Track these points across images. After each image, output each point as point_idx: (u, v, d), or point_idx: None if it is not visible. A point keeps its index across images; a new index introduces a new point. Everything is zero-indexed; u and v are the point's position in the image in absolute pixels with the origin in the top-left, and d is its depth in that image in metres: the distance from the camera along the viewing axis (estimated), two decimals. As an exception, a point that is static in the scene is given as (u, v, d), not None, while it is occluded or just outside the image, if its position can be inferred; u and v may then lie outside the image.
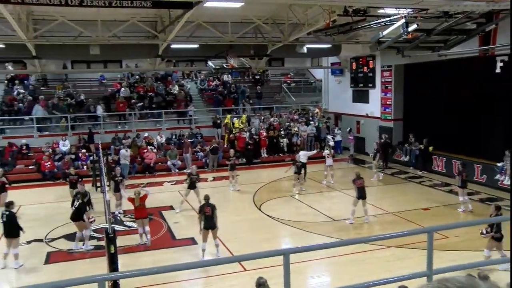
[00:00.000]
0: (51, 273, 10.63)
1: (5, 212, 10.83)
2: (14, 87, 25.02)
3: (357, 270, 10.20)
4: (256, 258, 9.12)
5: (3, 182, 14.58)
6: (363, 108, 24.96)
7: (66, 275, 10.37)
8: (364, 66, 24.70)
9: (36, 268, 11.02)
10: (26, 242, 12.19)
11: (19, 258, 11.00)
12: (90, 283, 3.62)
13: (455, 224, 12.73)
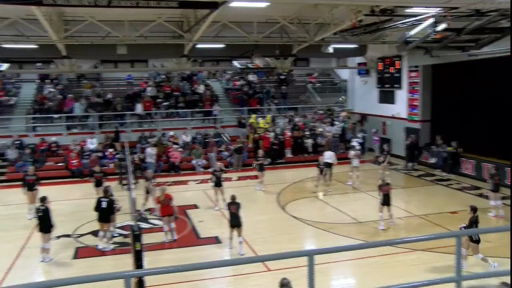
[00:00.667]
0: (79, 268, 10.85)
1: (41, 207, 11.11)
2: (44, 86, 25.60)
3: (382, 273, 10.08)
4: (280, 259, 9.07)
5: (33, 180, 14.88)
6: (389, 109, 24.63)
7: (93, 270, 10.58)
8: (390, 66, 24.36)
9: (65, 262, 11.25)
10: (56, 237, 12.44)
11: (49, 253, 11.26)
12: (117, 279, 3.66)
13: (486, 229, 12.34)
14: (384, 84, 25.12)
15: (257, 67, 20.63)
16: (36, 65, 25.41)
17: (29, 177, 14.88)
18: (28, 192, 14.68)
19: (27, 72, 26.41)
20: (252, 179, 19.21)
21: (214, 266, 9.25)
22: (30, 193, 14.65)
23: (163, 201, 12.32)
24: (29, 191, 14.66)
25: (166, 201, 12.33)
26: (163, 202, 12.33)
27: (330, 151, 19.98)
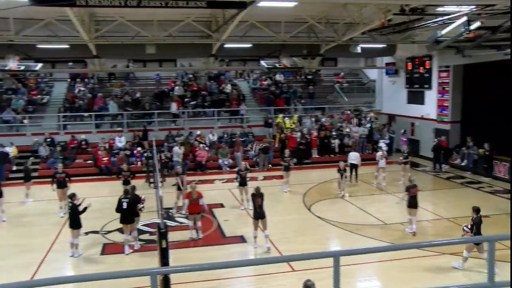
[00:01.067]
0: (106, 263, 11.05)
1: (69, 204, 11.37)
2: (75, 85, 26.17)
3: (409, 276, 9.92)
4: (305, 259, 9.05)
5: (63, 177, 15.21)
6: (418, 109, 24.21)
7: (120, 266, 10.75)
8: (420, 66, 23.95)
9: (93, 258, 11.48)
10: (84, 233, 12.70)
11: (78, 248, 11.52)
12: (143, 276, 3.70)
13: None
14: (413, 84, 24.72)
15: (284, 67, 20.55)
16: (68, 65, 25.98)
17: (59, 175, 15.19)
18: (58, 190, 15.01)
19: (59, 71, 27.04)
20: (277, 179, 19.19)
21: (239, 265, 9.26)
22: (60, 190, 14.98)
23: (194, 199, 12.40)
24: (59, 189, 15.00)
25: (196, 199, 12.40)
26: (194, 200, 12.40)
27: (355, 152, 19.74)
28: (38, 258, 11.26)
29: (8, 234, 13.56)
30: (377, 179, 18.47)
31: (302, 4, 15.07)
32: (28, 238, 12.78)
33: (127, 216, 11.68)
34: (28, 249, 11.90)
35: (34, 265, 10.83)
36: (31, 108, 23.99)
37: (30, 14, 16.03)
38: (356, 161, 18.55)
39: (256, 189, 11.77)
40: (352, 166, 18.53)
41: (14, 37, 17.12)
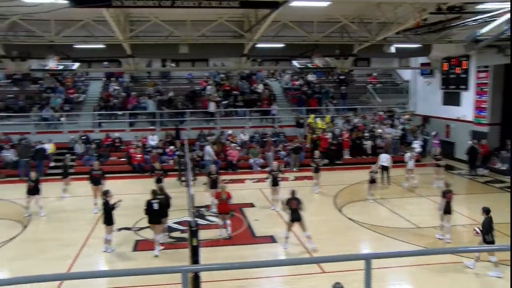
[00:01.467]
0: (138, 260, 11.23)
1: (103, 201, 11.64)
2: (110, 84, 26.74)
3: (443, 282, 9.69)
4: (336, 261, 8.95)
5: (99, 175, 15.56)
6: (454, 111, 23.63)
7: (152, 263, 10.92)
8: (456, 66, 23.37)
9: (125, 254, 11.69)
10: (117, 229, 12.96)
11: (111, 244, 11.75)
12: (174, 273, 3.73)
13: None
14: (448, 85, 24.14)
15: (316, 67, 20.42)
16: (103, 64, 26.58)
17: (95, 172, 15.54)
18: (93, 186, 15.36)
19: (95, 70, 27.68)
20: (309, 179, 19.07)
21: (269, 265, 9.25)
22: (95, 187, 15.31)
23: (224, 199, 12.47)
24: (94, 185, 15.34)
25: (226, 200, 12.47)
26: (223, 200, 12.48)
27: (387, 154, 19.40)
28: (73, 252, 11.57)
29: (46, 228, 13.97)
30: (408, 181, 18.16)
31: (335, 4, 14.92)
32: (65, 233, 13.15)
33: (157, 217, 11.63)
34: (65, 243, 12.23)
35: (70, 259, 11.13)
36: (67, 106, 24.64)
37: (69, 15, 16.47)
38: (387, 163, 18.26)
39: (291, 193, 11.72)
40: (383, 168, 18.25)
41: (54, 38, 17.64)
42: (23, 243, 12.45)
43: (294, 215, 11.41)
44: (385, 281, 9.85)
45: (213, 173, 15.26)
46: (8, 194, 17.32)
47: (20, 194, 15.65)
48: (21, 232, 13.40)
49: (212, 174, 15.22)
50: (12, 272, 10.70)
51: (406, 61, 28.70)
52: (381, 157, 18.64)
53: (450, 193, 12.28)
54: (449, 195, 12.21)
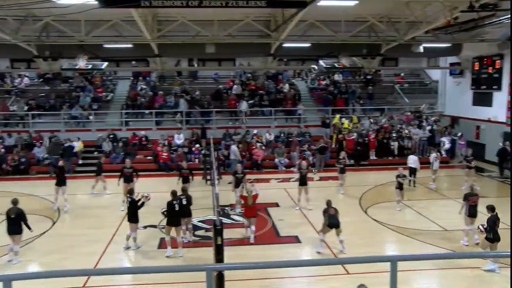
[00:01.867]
0: (163, 257, 11.33)
1: (128, 199, 11.81)
2: (137, 83, 27.12)
3: (470, 286, 9.46)
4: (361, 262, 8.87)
5: (130, 173, 15.77)
6: (485, 112, 23.07)
7: (176, 261, 11.02)
8: (489, 66, 22.79)
9: (150, 252, 11.83)
10: (143, 227, 13.14)
11: (137, 241, 11.92)
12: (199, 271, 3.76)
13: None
14: (480, 85, 23.59)
15: (343, 67, 20.27)
16: (131, 63, 26.98)
17: (127, 170, 15.80)
18: (124, 184, 15.54)
19: (123, 69, 28.13)
20: (334, 180, 18.93)
21: (293, 265, 9.25)
22: (126, 184, 15.46)
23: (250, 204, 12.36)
24: (125, 183, 15.53)
25: (252, 204, 12.38)
26: (250, 205, 12.37)
27: (414, 156, 19.07)
28: (100, 249, 11.77)
29: (74, 224, 14.26)
30: (435, 181, 18.04)
31: (363, 3, 14.76)
32: (92, 229, 13.39)
33: (177, 217, 11.59)
34: (92, 239, 12.46)
35: (97, 255, 11.33)
36: (96, 105, 25.10)
37: (99, 16, 16.81)
38: (414, 164, 17.97)
39: (327, 203, 11.58)
40: (411, 170, 17.95)
41: (84, 38, 18.02)
42: (53, 238, 12.75)
43: (331, 220, 11.23)
44: (411, 285, 9.68)
45: (239, 172, 15.28)
46: (38, 190, 17.76)
47: (49, 191, 16.03)
48: (51, 227, 13.73)
49: (238, 173, 15.24)
50: (42, 266, 10.98)
51: (435, 60, 28.21)
52: (409, 159, 18.36)
53: (474, 197, 11.99)
54: (473, 199, 11.92)
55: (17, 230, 10.85)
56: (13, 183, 19.55)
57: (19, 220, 10.83)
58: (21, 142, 22.21)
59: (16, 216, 10.78)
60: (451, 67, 26.18)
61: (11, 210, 10.87)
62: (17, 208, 10.93)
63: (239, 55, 25.04)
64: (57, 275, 4.28)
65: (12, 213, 10.81)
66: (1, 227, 13.02)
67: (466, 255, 9.81)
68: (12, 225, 10.81)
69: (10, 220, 10.82)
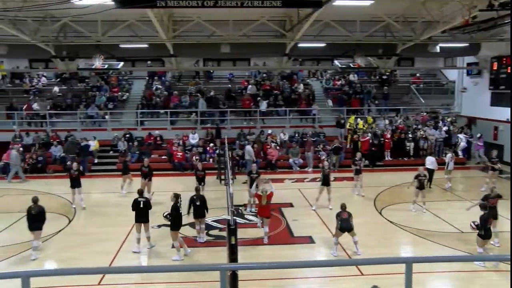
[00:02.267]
0: (177, 256, 11.37)
1: (142, 199, 11.87)
2: (153, 83, 27.30)
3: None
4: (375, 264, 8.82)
5: (147, 171, 16.01)
6: (503, 112, 22.68)
7: (191, 260, 11.07)
8: (508, 66, 22.39)
9: (164, 251, 11.89)
10: (157, 225, 13.23)
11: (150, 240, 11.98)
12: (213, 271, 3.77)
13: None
14: (498, 86, 23.21)
15: (358, 67, 20.16)
16: (147, 63, 27.18)
17: (144, 168, 16.16)
18: (142, 181, 16.04)
19: (138, 69, 28.34)
20: (349, 180, 18.84)
21: (307, 266, 9.24)
22: (144, 181, 16.00)
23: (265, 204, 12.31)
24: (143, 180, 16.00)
25: (267, 203, 12.33)
26: (265, 204, 12.32)
27: (432, 157, 18.86)
28: (115, 247, 11.87)
29: (90, 222, 14.38)
30: (451, 181, 17.98)
31: (379, 2, 14.65)
32: (108, 227, 13.52)
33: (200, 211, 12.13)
34: (108, 237, 12.58)
35: (112, 253, 11.43)
36: (111, 104, 25.33)
37: (115, 16, 16.96)
38: (432, 166, 17.76)
39: (342, 207, 11.52)
40: (428, 171, 17.74)
41: (101, 38, 18.20)
42: (69, 236, 12.90)
43: (344, 224, 11.19)
44: (425, 286, 9.59)
45: (254, 172, 15.28)
46: (55, 189, 17.99)
47: (66, 189, 16.22)
48: (67, 225, 13.90)
49: (252, 173, 15.25)
50: (58, 263, 11.13)
51: (452, 60, 27.87)
52: (427, 159, 18.17)
53: (494, 199, 11.86)
54: (493, 201, 11.80)
55: (38, 226, 11.29)
56: (30, 181, 19.83)
57: (40, 217, 11.27)
58: (38, 141, 22.52)
59: (37, 213, 11.23)
60: (468, 67, 25.84)
61: (33, 207, 11.29)
62: (39, 206, 11.37)
63: (254, 55, 25.06)
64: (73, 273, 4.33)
65: (33, 210, 11.24)
66: (19, 224, 13.28)
67: (482, 258, 9.67)
68: (34, 221, 11.22)
69: (31, 217, 11.22)
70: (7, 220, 14.02)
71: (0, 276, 3.76)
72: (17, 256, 11.32)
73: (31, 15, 16.62)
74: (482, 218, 10.65)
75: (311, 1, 12.54)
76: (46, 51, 19.38)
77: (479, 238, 10.63)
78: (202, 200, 12.23)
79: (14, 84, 27.53)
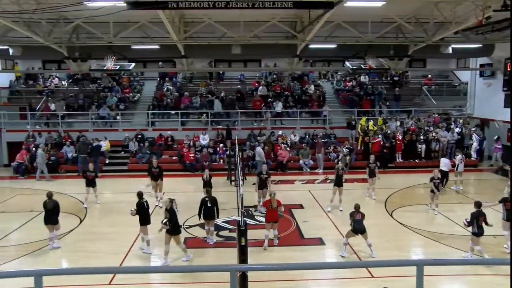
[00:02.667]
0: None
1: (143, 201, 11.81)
2: (164, 84, 27.43)
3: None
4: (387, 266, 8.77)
5: (157, 172, 16.02)
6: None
7: (201, 261, 11.08)
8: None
9: (174, 251, 11.89)
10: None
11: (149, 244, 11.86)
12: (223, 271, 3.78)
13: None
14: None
15: (370, 68, 20.08)
16: (158, 64, 27.31)
17: (154, 169, 16.14)
18: (152, 182, 16.03)
19: (150, 70, 28.50)
20: (359, 182, 18.76)
21: (317, 267, 9.22)
22: (155, 182, 15.99)
23: (274, 208, 12.09)
24: (152, 181, 16.04)
25: (276, 208, 12.12)
26: (273, 209, 12.12)
27: (446, 159, 18.70)
28: (126, 247, 11.93)
29: (101, 222, 14.48)
30: (456, 183, 17.88)
31: (391, 3, 14.60)
32: (119, 227, 13.56)
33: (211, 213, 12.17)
34: (118, 237, 12.64)
35: (123, 253, 11.49)
36: (123, 105, 25.48)
37: (127, 17, 17.11)
38: (446, 167, 17.64)
39: (356, 207, 11.49)
40: (442, 173, 17.61)
41: (112, 39, 18.35)
42: (80, 235, 12.99)
43: (357, 226, 11.15)
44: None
45: (264, 173, 15.28)
46: (67, 188, 18.14)
47: (78, 189, 16.37)
48: (78, 225, 14.01)
49: (262, 174, 15.24)
50: (69, 262, 11.21)
51: (465, 62, 27.63)
52: (441, 161, 18.04)
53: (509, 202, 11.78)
54: (508, 204, 11.74)
55: (53, 220, 11.78)
56: (42, 181, 20.03)
57: (54, 211, 11.74)
58: (51, 141, 22.74)
59: (52, 208, 11.70)
60: (481, 68, 25.61)
61: (48, 202, 11.72)
62: (53, 201, 11.83)
63: (264, 56, 25.07)
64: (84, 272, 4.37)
65: (48, 205, 11.69)
66: (32, 223, 13.43)
67: (495, 261, 9.56)
68: (50, 216, 11.70)
69: (47, 212, 11.70)
70: (20, 220, 14.17)
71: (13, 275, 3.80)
72: (30, 255, 11.43)
73: (45, 17, 16.84)
74: (473, 215, 10.99)
75: (322, 2, 12.54)
76: (59, 52, 19.59)
77: (473, 236, 10.95)
78: (214, 201, 12.23)
79: (27, 85, 27.83)
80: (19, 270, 3.93)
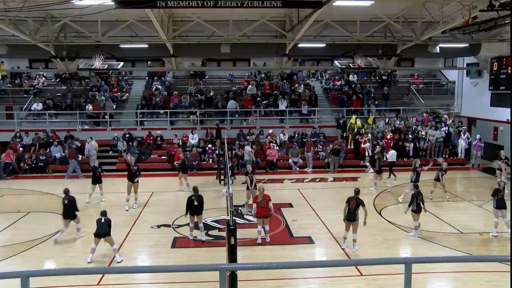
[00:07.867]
0: (176, 257, 11.38)
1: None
2: (153, 83, 27.29)
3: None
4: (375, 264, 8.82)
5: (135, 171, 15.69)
6: (504, 113, 22.68)
7: (190, 260, 11.06)
8: (508, 66, 22.37)
9: (164, 251, 11.88)
10: (156, 226, 13.22)
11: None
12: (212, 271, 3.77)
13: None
14: (498, 86, 23.17)
15: (358, 67, 20.16)
16: (147, 64, 27.16)
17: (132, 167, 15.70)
18: (128, 182, 15.51)
19: (138, 69, 28.32)
20: (348, 181, 18.84)
21: (307, 266, 9.22)
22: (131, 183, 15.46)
23: (261, 202, 12.13)
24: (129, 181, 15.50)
25: (264, 202, 12.14)
26: (261, 203, 12.15)
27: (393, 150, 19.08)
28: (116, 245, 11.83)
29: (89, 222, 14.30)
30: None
31: (379, 3, 14.66)
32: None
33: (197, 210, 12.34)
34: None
35: (111, 254, 11.40)
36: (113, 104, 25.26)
37: (115, 16, 16.98)
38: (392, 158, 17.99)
39: (355, 191, 11.62)
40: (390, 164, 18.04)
41: (101, 38, 18.20)
42: (69, 236, 12.85)
43: (349, 214, 11.35)
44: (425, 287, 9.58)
45: (249, 172, 15.28)
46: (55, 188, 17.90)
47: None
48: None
49: (249, 173, 15.25)
50: (58, 263, 11.11)
51: (452, 61, 27.88)
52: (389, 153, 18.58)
53: (502, 192, 12.51)
54: (501, 194, 12.47)
55: (71, 215, 12.41)
56: (30, 181, 19.83)
57: (71, 205, 12.34)
58: (38, 141, 22.51)
59: (69, 202, 12.30)
60: (468, 67, 25.85)
61: (65, 198, 12.35)
62: (70, 196, 12.42)
63: (254, 55, 25.06)
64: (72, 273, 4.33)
65: (66, 200, 12.29)
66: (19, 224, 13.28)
67: (482, 258, 9.66)
68: (67, 210, 12.29)
69: (65, 207, 12.28)
70: (7, 220, 14.01)
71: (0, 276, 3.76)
72: (17, 255, 11.30)
73: (32, 15, 16.64)
74: (413, 195, 12.64)
75: (311, 2, 12.55)
76: (46, 51, 19.37)
77: (413, 213, 12.44)
78: (201, 200, 12.27)
79: (14, 84, 27.50)
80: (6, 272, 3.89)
